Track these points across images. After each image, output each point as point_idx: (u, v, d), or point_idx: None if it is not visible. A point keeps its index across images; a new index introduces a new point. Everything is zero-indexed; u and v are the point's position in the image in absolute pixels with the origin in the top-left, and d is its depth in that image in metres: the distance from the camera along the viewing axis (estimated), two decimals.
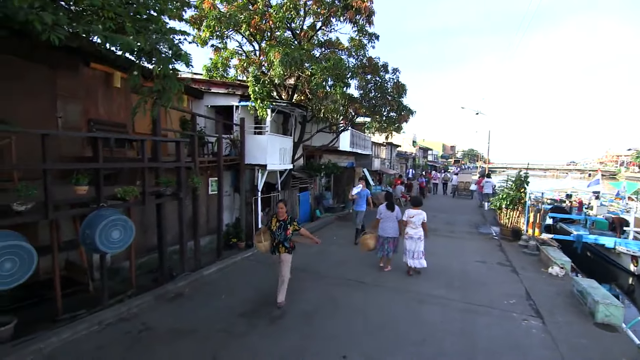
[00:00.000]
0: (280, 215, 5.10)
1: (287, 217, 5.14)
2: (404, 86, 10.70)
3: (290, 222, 5.14)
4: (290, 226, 5.10)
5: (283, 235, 5.05)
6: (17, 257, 3.43)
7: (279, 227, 5.08)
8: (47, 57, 5.71)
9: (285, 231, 5.05)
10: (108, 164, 4.68)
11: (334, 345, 4.09)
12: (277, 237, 5.07)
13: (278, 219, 5.12)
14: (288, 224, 5.09)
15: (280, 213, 5.09)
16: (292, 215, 5.16)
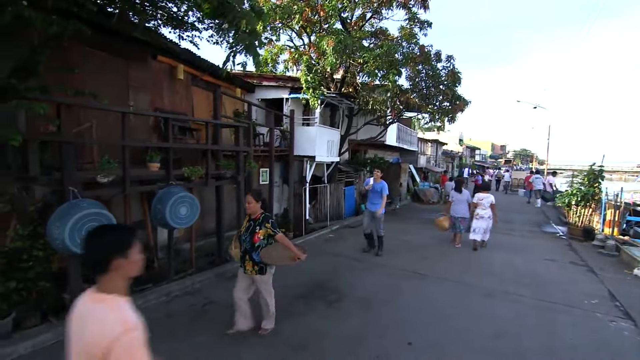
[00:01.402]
0: (249, 210, 3.49)
1: (261, 215, 3.49)
2: (459, 74, 10.14)
3: (262, 222, 3.45)
4: (261, 229, 3.43)
5: (249, 242, 3.46)
6: (99, 224, 3.69)
7: (247, 228, 3.53)
8: (122, 50, 6.18)
9: (251, 235, 3.43)
10: (176, 144, 4.92)
11: (396, 332, 3.91)
12: (242, 244, 3.56)
13: (250, 217, 3.57)
14: (258, 225, 3.45)
15: (248, 208, 3.46)
16: (267, 214, 3.53)
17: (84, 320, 1.25)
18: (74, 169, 3.74)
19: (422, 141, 22.52)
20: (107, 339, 1.15)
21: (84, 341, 1.21)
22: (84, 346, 1.21)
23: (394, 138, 14.46)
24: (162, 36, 6.46)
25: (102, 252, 1.28)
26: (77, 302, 1.35)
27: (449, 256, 7.17)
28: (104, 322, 1.20)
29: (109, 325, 1.19)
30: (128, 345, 1.17)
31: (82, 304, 1.33)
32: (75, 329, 1.29)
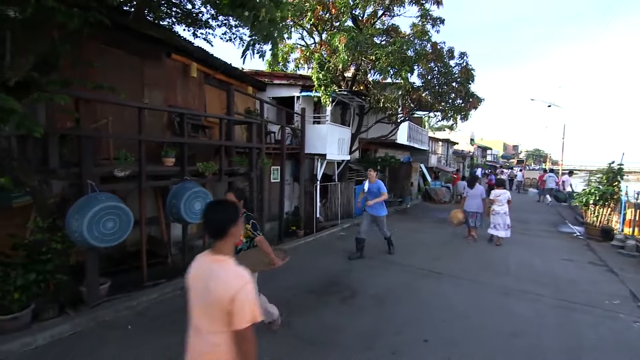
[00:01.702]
0: None
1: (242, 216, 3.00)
2: (473, 71, 9.99)
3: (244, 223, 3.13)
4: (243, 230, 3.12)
5: None
6: (117, 217, 3.74)
7: None
8: (137, 48, 6.26)
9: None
10: (191, 140, 4.95)
11: (412, 329, 3.85)
12: None
13: None
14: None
15: None
16: (249, 214, 3.25)
17: (207, 276, 1.60)
18: (92, 162, 3.79)
19: (433, 140, 22.29)
20: (232, 291, 1.50)
21: (211, 293, 1.55)
22: (212, 297, 1.54)
23: (405, 137, 14.34)
24: (176, 34, 6.53)
25: (223, 222, 1.64)
26: (195, 264, 1.73)
27: (463, 255, 7.05)
28: (227, 278, 1.56)
29: (232, 280, 1.54)
30: (247, 293, 1.54)
31: (201, 264, 1.70)
32: (199, 283, 1.64)
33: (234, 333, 1.54)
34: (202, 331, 1.63)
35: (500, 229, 7.74)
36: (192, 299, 1.68)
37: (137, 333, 3.62)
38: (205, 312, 1.60)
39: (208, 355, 1.62)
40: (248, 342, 1.55)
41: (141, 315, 4.00)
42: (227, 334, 1.57)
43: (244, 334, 1.53)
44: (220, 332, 1.57)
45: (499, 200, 7.82)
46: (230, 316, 1.51)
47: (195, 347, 1.69)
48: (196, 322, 1.67)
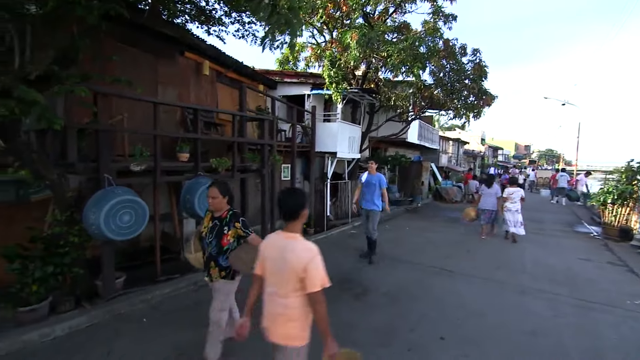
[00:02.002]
0: (213, 207, 2.88)
1: (227, 213, 2.87)
2: (486, 68, 9.83)
3: (231, 221, 2.83)
4: (230, 229, 2.83)
5: (215, 245, 2.84)
6: (133, 211, 3.78)
7: (211, 229, 2.90)
8: (152, 47, 6.33)
9: (219, 238, 2.83)
10: (204, 136, 4.97)
11: (427, 326, 3.80)
12: (207, 248, 2.92)
13: (213, 215, 2.96)
14: (226, 226, 2.84)
15: (213, 203, 2.85)
16: (235, 211, 2.92)
17: (283, 250, 1.94)
18: (109, 156, 3.84)
19: (444, 139, 22.05)
20: (305, 261, 1.86)
21: (287, 263, 1.90)
22: (287, 266, 1.89)
23: (415, 135, 14.21)
24: (189, 32, 6.59)
25: (295, 206, 1.99)
26: (269, 241, 2.09)
27: (477, 254, 6.94)
28: (300, 251, 1.90)
29: (304, 253, 1.89)
30: (316, 264, 1.88)
31: (275, 241, 2.05)
32: (275, 256, 1.98)
33: (307, 296, 1.88)
34: (278, 296, 1.96)
35: (512, 226, 7.97)
36: (268, 270, 2.03)
37: (152, 326, 3.64)
38: (281, 279, 1.93)
39: (282, 317, 1.95)
40: (320, 303, 1.87)
41: (155, 309, 4.03)
42: (299, 297, 1.91)
43: (316, 297, 1.86)
44: (294, 296, 1.91)
45: (512, 197, 7.98)
46: (303, 282, 1.86)
47: (271, 310, 2.01)
48: (272, 289, 2.00)
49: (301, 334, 1.98)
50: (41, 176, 3.37)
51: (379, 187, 5.89)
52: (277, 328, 1.98)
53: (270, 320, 2.01)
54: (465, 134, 32.73)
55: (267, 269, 2.04)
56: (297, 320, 1.94)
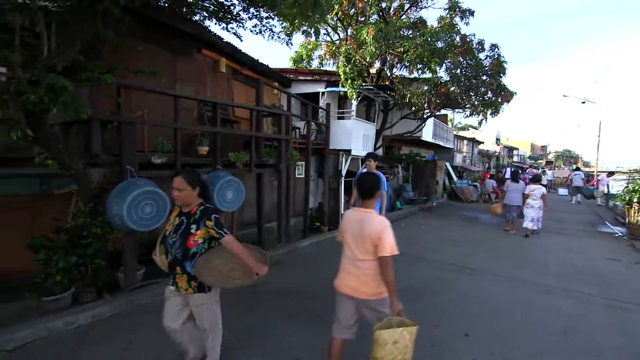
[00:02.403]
0: (179, 201, 2.36)
1: (197, 208, 2.35)
2: (505, 63, 9.60)
3: (201, 218, 2.30)
4: (199, 228, 2.29)
5: (180, 247, 2.31)
6: (154, 202, 3.80)
7: (176, 227, 2.36)
8: (170, 44, 6.40)
9: (184, 238, 2.30)
10: (223, 130, 4.99)
11: (450, 323, 3.69)
12: (170, 250, 2.37)
13: (180, 210, 2.43)
14: (194, 223, 2.30)
15: (178, 197, 2.32)
16: (208, 206, 2.38)
17: (361, 222, 2.35)
18: (131, 149, 3.88)
19: (458, 138, 21.70)
20: (380, 230, 2.26)
21: (365, 232, 2.30)
22: (365, 234, 2.30)
23: (430, 134, 14.00)
24: (207, 29, 6.64)
25: (372, 186, 2.43)
26: (349, 214, 2.51)
27: (497, 252, 6.76)
28: (376, 222, 2.31)
29: (380, 224, 2.30)
30: (388, 234, 2.27)
31: (354, 214, 2.46)
32: (355, 227, 2.38)
33: (379, 259, 2.28)
34: (355, 259, 2.38)
35: (529, 221, 8.23)
36: (348, 238, 2.43)
37: None
38: (360, 245, 2.35)
39: (358, 277, 2.38)
40: (388, 266, 2.27)
41: None
42: (373, 261, 2.32)
43: (386, 260, 2.26)
44: (369, 260, 2.33)
45: (534, 194, 8.21)
46: (377, 248, 2.27)
47: (349, 270, 2.44)
48: (350, 253, 2.42)
49: (381, 289, 2.36)
50: (67, 166, 3.42)
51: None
52: (363, 287, 2.36)
53: (352, 280, 2.41)
54: (480, 134, 32.18)
55: (347, 238, 2.45)
56: (375, 279, 2.35)
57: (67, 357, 2.89)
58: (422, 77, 9.96)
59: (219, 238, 2.30)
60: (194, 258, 2.33)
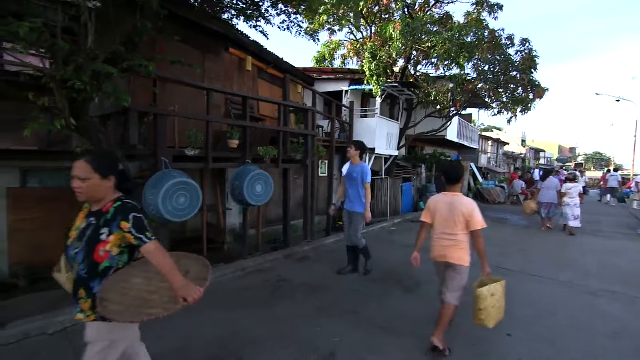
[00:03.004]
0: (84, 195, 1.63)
1: (111, 205, 1.66)
2: (536, 58, 9.23)
3: (114, 219, 1.62)
4: (112, 233, 1.62)
5: (84, 259, 1.61)
6: (188, 193, 3.83)
7: (80, 232, 1.67)
8: (199, 43, 6.53)
9: (90, 248, 1.61)
10: (252, 124, 5.01)
11: None
12: (72, 265, 1.69)
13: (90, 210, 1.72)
14: (103, 226, 1.62)
15: (81, 189, 1.60)
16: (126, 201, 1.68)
17: (452, 202, 2.87)
18: (165, 140, 3.94)
19: (483, 139, 21.07)
20: (470, 208, 2.82)
21: (455, 210, 2.82)
22: (456, 212, 2.82)
23: (454, 133, 13.65)
24: (234, 27, 6.74)
25: (458, 173, 2.98)
26: (438, 198, 3.02)
27: (533, 253, 6.46)
28: (466, 202, 2.86)
29: (469, 204, 2.86)
30: (477, 211, 2.84)
31: (443, 197, 2.96)
32: (444, 207, 2.90)
33: (472, 232, 2.83)
34: (448, 234, 2.88)
35: (570, 219, 8.26)
36: (438, 216, 2.94)
37: (205, 306, 3.59)
38: (450, 221, 2.86)
39: (454, 247, 2.88)
40: (480, 237, 2.85)
41: (206, 292, 4.02)
42: (463, 234, 2.86)
43: (478, 233, 2.83)
44: (461, 233, 2.86)
45: (570, 192, 8.30)
46: (468, 223, 2.81)
47: (441, 244, 2.94)
48: (442, 229, 2.92)
49: (467, 257, 2.91)
50: None
51: (361, 181, 4.42)
52: (452, 253, 2.88)
53: (444, 250, 2.91)
54: (504, 135, 31.16)
55: (437, 218, 2.94)
56: (464, 248, 2.88)
57: None
58: (447, 74, 9.74)
59: (138, 245, 1.62)
60: (106, 275, 1.63)
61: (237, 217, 7.04)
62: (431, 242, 3.03)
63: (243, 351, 2.84)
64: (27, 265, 4.97)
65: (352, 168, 4.56)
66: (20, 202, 4.94)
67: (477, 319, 2.82)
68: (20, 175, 4.91)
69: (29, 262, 4.99)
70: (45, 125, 2.86)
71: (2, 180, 4.76)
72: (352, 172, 4.53)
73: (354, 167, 4.55)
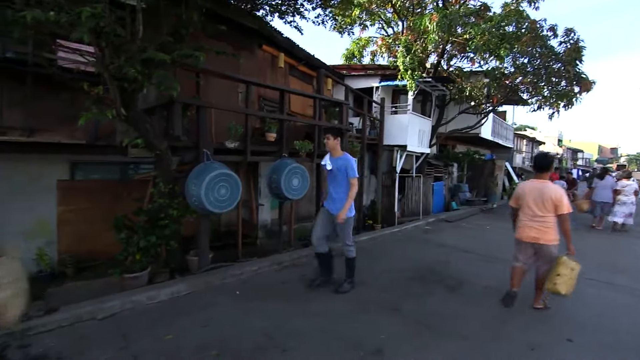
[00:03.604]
0: None
1: None
2: (583, 49, 8.63)
3: None
4: None
5: None
6: (229, 185, 3.85)
7: None
8: (234, 41, 6.61)
9: None
10: (289, 117, 4.99)
11: (546, 326, 3.26)
12: None
13: None
14: None
15: None
16: None
17: (541, 188, 3.32)
18: (207, 133, 3.97)
19: (519, 137, 20.10)
20: (559, 194, 3.26)
21: (545, 195, 3.26)
22: (546, 197, 3.26)
23: (488, 131, 13.08)
24: (268, 24, 6.77)
25: (547, 164, 3.44)
26: (529, 184, 3.49)
27: (585, 256, 5.91)
28: (555, 188, 3.31)
29: (558, 190, 3.30)
30: (564, 196, 3.28)
31: (533, 184, 3.43)
32: (534, 192, 3.35)
33: (559, 216, 3.25)
34: (535, 216, 3.33)
35: (619, 217, 8.26)
36: (529, 201, 3.38)
37: (244, 298, 3.65)
38: (540, 205, 3.29)
39: (538, 229, 3.32)
40: (566, 220, 3.24)
41: (245, 284, 4.05)
42: (552, 217, 3.27)
43: (565, 216, 3.23)
44: (548, 216, 3.27)
45: (625, 190, 8.28)
46: (556, 207, 3.23)
47: (529, 225, 3.38)
48: (531, 212, 3.36)
49: (556, 237, 3.31)
50: (153, 146, 3.58)
51: (346, 177, 3.64)
52: (543, 235, 3.30)
53: (535, 232, 3.35)
54: (539, 134, 29.63)
55: (527, 202, 3.38)
56: (553, 229, 3.29)
57: (151, 328, 2.97)
58: (483, 68, 9.32)
59: None
60: None
61: (268, 213, 7.06)
62: (519, 224, 3.49)
63: (287, 343, 2.78)
64: (73, 254, 5.20)
65: (334, 161, 3.72)
66: (68, 194, 5.18)
67: (551, 283, 3.27)
68: (70, 169, 5.14)
69: (75, 252, 5.22)
70: (98, 114, 2.94)
71: (54, 172, 5.01)
72: (335, 165, 3.70)
73: (335, 160, 3.72)
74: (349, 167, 3.63)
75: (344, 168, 3.64)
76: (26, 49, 4.20)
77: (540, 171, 3.41)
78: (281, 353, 2.65)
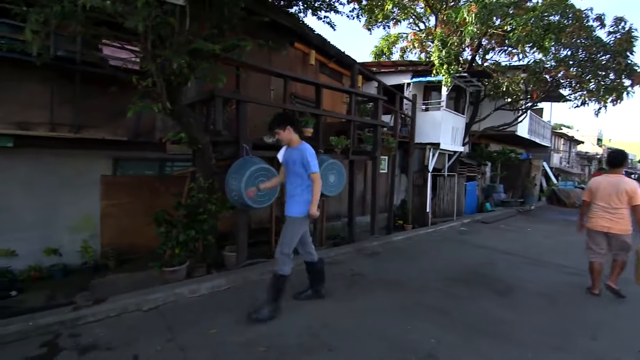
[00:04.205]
0: None
1: None
2: (634, 39, 8.00)
3: None
4: None
5: None
6: (267, 179, 3.79)
7: None
8: (267, 38, 6.61)
9: None
10: (325, 112, 4.91)
11: (611, 336, 2.98)
12: None
13: None
14: None
15: None
16: None
17: (617, 182, 3.59)
18: (246, 128, 3.96)
19: (556, 136, 19.04)
20: (634, 187, 3.52)
21: (621, 188, 3.55)
22: (621, 189, 3.54)
23: (525, 129, 12.45)
24: (300, 21, 6.73)
25: (621, 159, 3.74)
26: (602, 179, 3.71)
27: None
28: (629, 182, 3.60)
29: (632, 183, 3.57)
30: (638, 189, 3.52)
31: (607, 178, 3.68)
32: (609, 186, 3.62)
33: (633, 207, 3.50)
34: (609, 207, 3.59)
35: None
36: (603, 194, 3.64)
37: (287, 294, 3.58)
38: (615, 198, 3.55)
39: (611, 219, 3.59)
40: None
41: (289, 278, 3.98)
42: (625, 209, 3.55)
43: (638, 207, 3.47)
44: (622, 207, 3.55)
45: None
46: (630, 199, 3.49)
47: (603, 216, 3.64)
48: (605, 204, 3.62)
49: (629, 227, 3.58)
50: (195, 140, 3.60)
51: (303, 171, 3.02)
52: (617, 225, 3.58)
53: (608, 222, 3.61)
54: (576, 133, 27.98)
55: (599, 195, 3.66)
56: (625, 219, 3.56)
57: (195, 321, 2.96)
58: (525, 61, 8.86)
59: None
60: None
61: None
62: (591, 215, 3.76)
63: (334, 342, 2.67)
64: (115, 247, 5.38)
65: (288, 152, 3.13)
66: (110, 189, 5.36)
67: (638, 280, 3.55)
68: (112, 164, 5.32)
69: (116, 245, 5.39)
70: (145, 107, 2.98)
71: (98, 168, 5.20)
72: (290, 158, 3.08)
73: (291, 152, 3.10)
74: (304, 160, 2.98)
75: (301, 161, 2.99)
76: (75, 47, 4.39)
77: (615, 167, 3.69)
78: (327, 352, 2.56)
